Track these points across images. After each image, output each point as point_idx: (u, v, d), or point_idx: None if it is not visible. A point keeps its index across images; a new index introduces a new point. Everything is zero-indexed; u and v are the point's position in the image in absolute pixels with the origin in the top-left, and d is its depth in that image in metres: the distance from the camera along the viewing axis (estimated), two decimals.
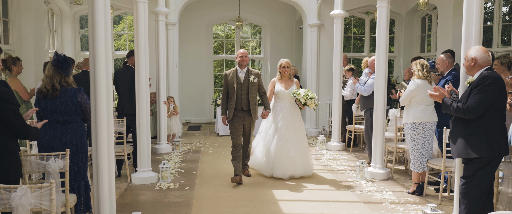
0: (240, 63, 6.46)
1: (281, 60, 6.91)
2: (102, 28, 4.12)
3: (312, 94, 6.62)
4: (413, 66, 5.88)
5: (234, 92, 6.42)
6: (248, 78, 6.45)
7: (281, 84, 6.80)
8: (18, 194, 2.67)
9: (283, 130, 6.65)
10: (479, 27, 4.34)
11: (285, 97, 6.76)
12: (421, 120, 5.66)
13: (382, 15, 6.66)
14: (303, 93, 6.57)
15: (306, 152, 6.84)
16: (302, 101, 6.57)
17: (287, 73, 6.81)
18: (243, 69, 6.48)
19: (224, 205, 5.44)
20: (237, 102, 6.43)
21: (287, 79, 6.85)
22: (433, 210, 4.51)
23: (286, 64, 6.82)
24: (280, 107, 6.77)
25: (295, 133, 6.70)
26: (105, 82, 4.15)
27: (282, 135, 6.64)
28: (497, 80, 3.94)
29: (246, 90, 6.44)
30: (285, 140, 6.62)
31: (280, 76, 6.86)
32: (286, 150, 6.61)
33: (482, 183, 3.98)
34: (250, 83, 6.44)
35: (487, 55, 4.06)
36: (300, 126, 6.81)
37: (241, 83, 6.44)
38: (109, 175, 4.26)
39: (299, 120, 6.84)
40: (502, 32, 8.89)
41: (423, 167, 5.81)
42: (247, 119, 6.55)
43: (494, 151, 3.93)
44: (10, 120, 3.32)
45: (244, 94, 6.44)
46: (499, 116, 3.99)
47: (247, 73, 6.48)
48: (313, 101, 6.59)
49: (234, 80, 6.44)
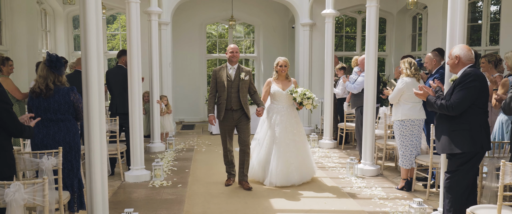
0: (231, 59, 6.06)
1: (278, 59, 6.43)
2: (94, 28, 4.19)
3: (311, 94, 6.20)
4: (401, 64, 5.99)
5: (224, 90, 6.00)
6: (239, 76, 6.03)
7: (278, 84, 6.36)
8: (12, 190, 2.75)
9: (282, 135, 6.18)
10: (464, 26, 4.44)
11: (282, 99, 6.32)
12: (409, 117, 5.78)
13: (372, 14, 6.77)
14: (300, 92, 6.19)
15: (307, 157, 6.44)
16: (297, 100, 6.18)
17: (284, 73, 6.37)
18: (233, 66, 6.07)
19: (215, 201, 5.52)
20: (227, 101, 6.00)
21: (284, 79, 6.42)
22: (419, 205, 4.62)
23: (283, 62, 6.36)
24: (277, 109, 6.31)
25: (295, 137, 6.27)
26: (97, 82, 4.22)
27: (281, 141, 6.17)
28: (479, 78, 4.05)
29: (237, 89, 6.02)
30: (284, 146, 6.17)
31: (276, 76, 6.41)
32: (286, 157, 6.15)
33: (465, 177, 4.09)
34: (241, 81, 6.03)
35: (470, 53, 4.16)
36: (299, 129, 6.37)
37: (231, 81, 6.02)
38: (102, 172, 4.33)
39: (297, 122, 6.39)
40: (491, 30, 9.03)
41: (412, 163, 5.92)
42: (239, 120, 6.07)
43: (476, 146, 4.04)
44: (4, 119, 3.38)
45: (235, 92, 6.01)
46: (481, 112, 4.10)
47: (238, 71, 6.06)
48: (310, 102, 6.17)
49: (224, 77, 6.01)
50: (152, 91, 8.60)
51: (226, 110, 6.02)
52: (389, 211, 5.21)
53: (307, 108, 6.24)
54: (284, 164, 6.14)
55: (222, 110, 6.03)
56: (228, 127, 6.13)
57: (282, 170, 6.11)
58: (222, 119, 6.07)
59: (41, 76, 4.23)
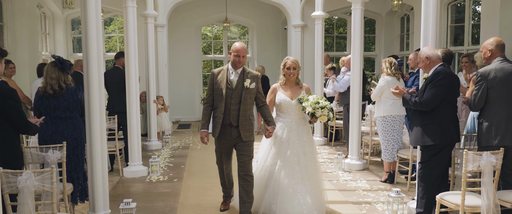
0: (235, 63, 4.68)
1: (286, 59, 5.06)
2: (94, 31, 4.51)
3: (325, 103, 4.83)
4: (382, 64, 6.37)
5: (221, 100, 4.67)
6: (242, 83, 4.65)
7: (286, 92, 5.00)
8: (24, 177, 3.11)
9: (289, 156, 4.82)
10: (435, 29, 4.81)
11: (291, 110, 4.96)
12: (390, 113, 6.15)
13: (357, 16, 7.14)
14: (312, 100, 4.83)
15: (319, 187, 4.96)
16: (308, 110, 4.80)
17: (293, 77, 5.01)
18: (237, 70, 4.71)
19: (209, 194, 5.88)
20: (225, 115, 4.68)
21: (293, 85, 5.05)
22: (397, 194, 4.99)
23: (292, 64, 4.98)
24: (285, 124, 4.95)
25: (306, 160, 4.87)
26: (97, 82, 4.56)
27: (287, 164, 4.80)
28: (448, 76, 4.41)
29: (238, 100, 4.64)
30: (291, 170, 4.79)
31: (283, 80, 5.06)
32: (291, 185, 4.75)
33: (437, 167, 4.45)
34: (244, 90, 4.64)
35: (437, 52, 4.53)
36: (311, 149, 4.96)
37: (232, 89, 4.65)
38: (102, 167, 4.67)
39: (310, 141, 5.00)
40: (472, 31, 9.42)
41: (394, 157, 6.29)
42: (240, 139, 4.73)
43: (447, 139, 4.40)
44: (14, 116, 3.74)
45: (235, 104, 4.64)
46: (451, 107, 4.47)
47: (242, 76, 4.68)
48: (324, 112, 4.79)
49: (223, 83, 4.67)
50: (149, 91, 8.96)
51: (223, 125, 4.71)
52: (371, 201, 5.58)
53: (321, 120, 4.85)
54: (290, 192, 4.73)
55: (218, 125, 4.71)
56: (225, 147, 4.87)
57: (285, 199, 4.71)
58: (217, 137, 4.80)
59: (53, 78, 4.56)
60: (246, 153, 4.72)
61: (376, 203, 5.50)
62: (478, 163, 3.80)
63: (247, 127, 4.71)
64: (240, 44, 4.67)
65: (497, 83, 4.21)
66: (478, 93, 4.33)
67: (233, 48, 4.67)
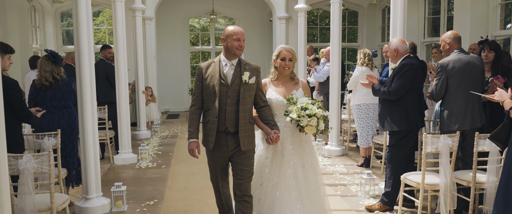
0: (234, 50, 3.69)
1: (280, 47, 4.13)
2: (85, 26, 4.83)
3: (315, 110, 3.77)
4: (357, 55, 6.76)
5: (214, 100, 3.67)
6: (239, 77, 3.69)
7: (278, 88, 4.06)
8: (24, 160, 3.45)
9: (284, 167, 3.91)
10: (403, 22, 5.22)
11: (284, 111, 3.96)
12: (365, 101, 6.55)
13: (335, 10, 7.51)
14: (299, 104, 3.81)
15: (321, 202, 4.06)
16: (291, 116, 3.78)
17: (289, 70, 4.05)
18: (232, 61, 3.74)
19: (195, 178, 6.25)
20: (220, 119, 3.67)
21: (287, 80, 4.10)
22: (369, 176, 5.42)
23: (288, 54, 4.01)
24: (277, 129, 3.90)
25: (304, 172, 3.95)
26: (88, 74, 4.89)
27: (282, 176, 3.89)
28: (413, 67, 4.78)
29: (236, 98, 3.67)
30: (286, 183, 3.88)
31: (275, 75, 4.11)
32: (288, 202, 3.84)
33: (403, 150, 4.85)
34: (243, 86, 3.68)
35: (405, 45, 4.90)
36: (310, 159, 4.05)
37: (227, 86, 3.67)
38: (94, 154, 5.01)
39: (309, 148, 4.07)
40: (448, 23, 9.85)
41: (369, 143, 6.70)
42: (237, 150, 3.71)
43: (412, 124, 4.79)
44: (16, 105, 4.08)
45: (232, 104, 3.66)
46: (416, 95, 4.86)
47: (239, 68, 3.73)
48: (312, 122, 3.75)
49: (215, 79, 3.68)
50: (138, 82, 9.27)
51: (217, 132, 3.69)
52: (347, 183, 6.00)
53: (307, 131, 3.81)
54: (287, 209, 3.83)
55: (212, 133, 3.68)
56: (220, 161, 3.84)
57: None
58: (212, 148, 3.73)
59: (47, 71, 4.87)
60: (245, 168, 3.69)
61: (350, 185, 5.92)
62: (436, 145, 4.21)
63: (247, 132, 3.70)
64: (236, 27, 3.75)
65: (455, 73, 4.59)
66: (439, 83, 4.71)
67: (229, 32, 3.67)
